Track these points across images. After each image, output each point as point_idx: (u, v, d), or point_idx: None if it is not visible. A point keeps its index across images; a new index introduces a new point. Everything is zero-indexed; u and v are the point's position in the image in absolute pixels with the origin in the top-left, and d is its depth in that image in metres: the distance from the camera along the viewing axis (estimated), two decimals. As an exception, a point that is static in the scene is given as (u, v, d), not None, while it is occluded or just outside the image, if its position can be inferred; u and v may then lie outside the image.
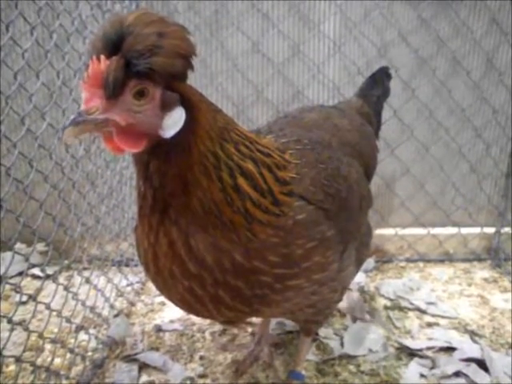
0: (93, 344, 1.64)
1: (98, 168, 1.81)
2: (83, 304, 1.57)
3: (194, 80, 2.08)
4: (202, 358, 1.65)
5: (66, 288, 1.44)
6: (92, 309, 1.64)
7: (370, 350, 1.67)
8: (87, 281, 1.61)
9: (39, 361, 1.48)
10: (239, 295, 0.94)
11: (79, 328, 1.64)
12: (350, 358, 1.64)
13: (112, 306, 1.83)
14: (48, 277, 1.44)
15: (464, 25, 2.11)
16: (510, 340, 1.75)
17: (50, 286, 1.54)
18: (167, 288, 0.98)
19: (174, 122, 0.82)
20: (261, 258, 0.92)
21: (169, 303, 1.93)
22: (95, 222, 1.79)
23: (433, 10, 2.07)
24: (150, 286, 2.12)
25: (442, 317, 1.90)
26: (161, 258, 0.92)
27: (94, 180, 1.77)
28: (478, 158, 2.31)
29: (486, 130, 2.27)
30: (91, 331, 1.66)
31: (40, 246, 1.97)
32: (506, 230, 2.36)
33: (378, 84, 1.76)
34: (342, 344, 1.70)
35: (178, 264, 0.91)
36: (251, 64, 2.12)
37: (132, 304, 1.96)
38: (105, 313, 1.78)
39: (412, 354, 1.66)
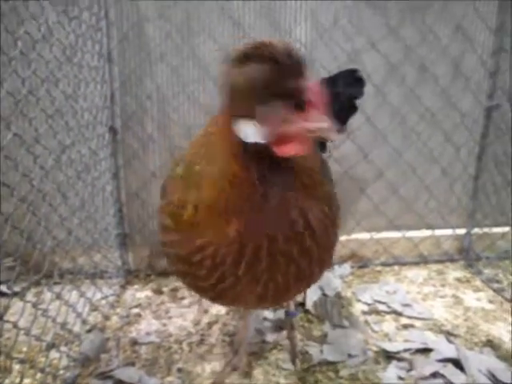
0: (64, 362, 1.58)
1: (70, 179, 1.76)
2: (54, 321, 1.51)
3: (166, 89, 2.11)
4: (179, 370, 1.62)
5: (35, 305, 1.39)
6: (63, 325, 1.58)
7: (350, 355, 1.67)
8: (58, 296, 1.56)
9: (7, 382, 1.42)
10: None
11: (50, 346, 1.57)
12: (329, 364, 1.64)
13: (85, 321, 1.78)
14: (16, 294, 1.38)
15: (430, 32, 2.16)
16: (484, 338, 1.79)
17: (18, 304, 1.48)
18: (257, 277, 0.94)
19: None
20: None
21: (146, 314, 1.91)
22: (67, 234, 1.74)
23: (400, 17, 2.12)
24: (126, 297, 2.07)
25: (418, 318, 1.93)
26: (280, 242, 0.90)
27: (66, 191, 1.72)
28: (448, 161, 2.37)
29: (455, 134, 2.33)
30: (63, 348, 1.60)
31: (7, 262, 1.89)
32: (476, 230, 2.42)
33: (338, 82, 1.70)
34: (321, 351, 1.69)
35: (298, 242, 0.92)
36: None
37: (106, 318, 1.90)
38: (77, 329, 1.72)
39: (390, 356, 1.67)
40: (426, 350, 1.70)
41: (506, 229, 2.32)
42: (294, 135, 0.83)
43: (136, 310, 1.98)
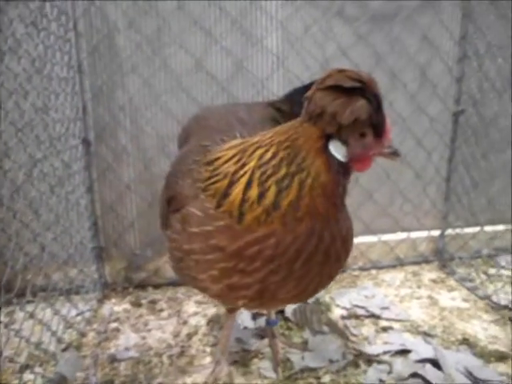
0: (39, 383, 1.53)
1: (43, 194, 1.72)
2: (27, 341, 1.46)
3: (138, 100, 2.09)
4: (160, 385, 1.59)
5: (7, 325, 1.34)
6: (38, 345, 1.53)
7: (331, 361, 1.68)
8: (31, 315, 1.51)
9: (-21, 408, 1.36)
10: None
11: (24, 367, 1.52)
12: (311, 370, 1.64)
13: (60, 340, 1.72)
14: (-15, 314, 1.34)
15: (398, 41, 2.23)
16: (460, 337, 1.83)
17: (-12, 325, 1.43)
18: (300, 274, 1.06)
19: None
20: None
21: (124, 328, 1.88)
22: (40, 250, 1.69)
23: (368, 26, 2.18)
24: (103, 312, 2.03)
25: (396, 320, 1.96)
26: (337, 244, 1.06)
27: (38, 207, 1.67)
28: (421, 165, 2.43)
29: (426, 139, 2.39)
30: (37, 369, 1.55)
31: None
32: (449, 231, 2.49)
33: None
34: (302, 357, 1.69)
35: (344, 247, 1.11)
36: (195, 82, 2.12)
37: (83, 335, 1.85)
38: (52, 348, 1.67)
39: (370, 359, 1.69)
40: (404, 352, 1.72)
41: (477, 229, 2.39)
42: (369, 157, 1.03)
43: (114, 325, 1.94)
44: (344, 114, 0.92)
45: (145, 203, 2.21)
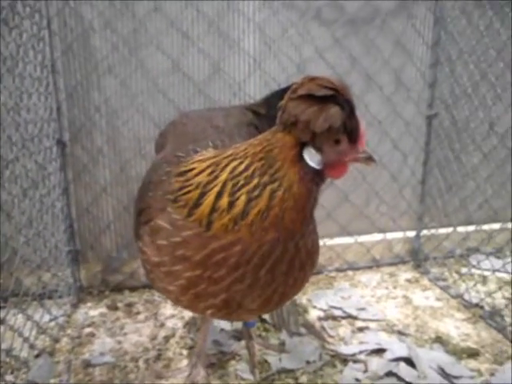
0: (11, 390, 1.50)
1: (14, 197, 1.67)
2: (-3, 347, 1.42)
3: (115, 101, 2.07)
4: (136, 389, 1.57)
5: (-24, 332, 1.30)
6: (9, 351, 1.49)
7: (307, 362, 1.69)
8: (2, 321, 1.47)
9: None
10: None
11: (-6, 375, 1.48)
12: (288, 371, 1.65)
13: (32, 346, 1.68)
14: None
15: (373, 44, 2.27)
16: (433, 335, 1.87)
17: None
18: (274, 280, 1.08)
19: None
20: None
21: (99, 333, 1.84)
22: (12, 254, 1.65)
23: (344, 30, 2.21)
24: (77, 317, 2.00)
25: (372, 320, 1.99)
26: (302, 253, 1.08)
27: (10, 210, 1.63)
28: (397, 167, 2.47)
29: (401, 142, 2.44)
30: (8, 377, 1.51)
31: None
32: (425, 232, 2.54)
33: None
34: (279, 359, 1.70)
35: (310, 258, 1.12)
36: (172, 83, 2.10)
37: (56, 340, 1.81)
38: (24, 354, 1.62)
39: (346, 359, 1.71)
40: (380, 351, 1.75)
41: (450, 229, 2.45)
42: (344, 163, 1.03)
43: (89, 330, 1.90)
44: (317, 121, 0.93)
45: (121, 205, 2.18)
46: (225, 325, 1.89)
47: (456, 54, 2.29)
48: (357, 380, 1.61)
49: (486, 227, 2.28)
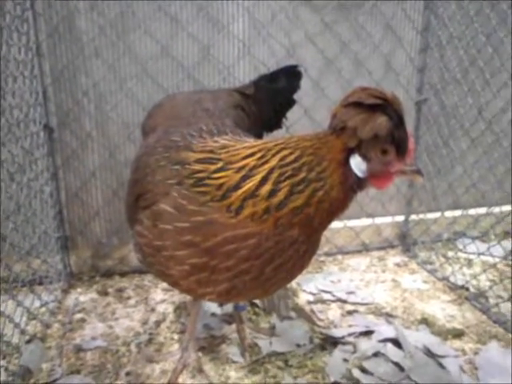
0: (3, 377, 1.50)
1: (1, 181, 1.65)
2: (-12, 333, 1.42)
3: (103, 86, 2.04)
4: (128, 373, 1.58)
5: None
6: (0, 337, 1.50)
7: (298, 345, 1.72)
8: (-8, 307, 1.47)
9: None
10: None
11: (-15, 361, 1.49)
12: (278, 354, 1.68)
13: (23, 332, 1.68)
14: None
15: (363, 29, 2.26)
16: (419, 317, 1.92)
17: None
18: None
19: None
20: None
21: (90, 318, 1.85)
22: (0, 240, 1.64)
23: (334, 14, 2.20)
24: (68, 302, 2.00)
25: (361, 304, 2.02)
26: (306, 256, 1.09)
27: (-4, 195, 1.61)
28: (385, 152, 2.48)
29: (390, 127, 2.44)
30: (0, 362, 1.51)
31: None
32: (413, 217, 2.57)
33: (278, 78, 1.76)
34: (270, 343, 1.73)
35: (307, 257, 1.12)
36: (161, 68, 2.08)
37: (47, 326, 1.82)
38: (15, 340, 1.63)
39: (335, 342, 1.74)
40: (368, 333, 1.78)
41: (438, 214, 2.48)
42: (390, 174, 1.03)
43: (80, 315, 1.91)
44: (364, 129, 0.95)
45: (110, 190, 2.17)
46: (215, 309, 1.91)
47: (446, 39, 2.29)
48: (345, 361, 1.64)
49: (472, 212, 2.32)
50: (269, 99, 1.71)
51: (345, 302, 2.04)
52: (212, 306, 1.92)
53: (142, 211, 1.19)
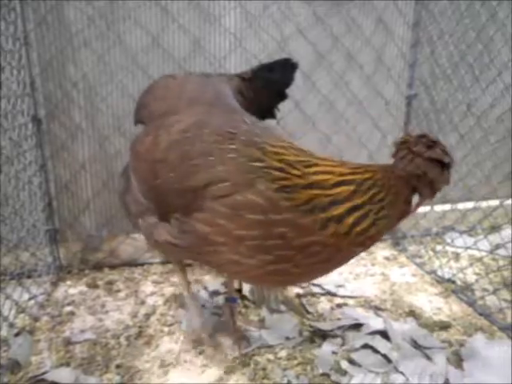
0: (-10, 369, 1.49)
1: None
2: (-24, 326, 1.41)
3: (93, 77, 2.01)
4: (118, 366, 1.58)
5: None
6: (-13, 330, 1.49)
7: (287, 338, 1.73)
8: (-21, 301, 1.46)
9: None
10: None
11: (-27, 354, 1.48)
12: (268, 347, 1.69)
13: (12, 325, 1.67)
14: None
15: (354, 23, 2.26)
16: (407, 309, 1.94)
17: None
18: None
19: None
20: None
21: (80, 311, 1.85)
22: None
23: (326, 7, 2.19)
24: (57, 295, 1.99)
25: (351, 297, 2.04)
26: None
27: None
28: (376, 146, 2.50)
29: (381, 121, 2.46)
30: (-11, 355, 1.51)
31: None
32: (402, 210, 2.59)
33: (275, 69, 1.77)
34: (259, 335, 1.74)
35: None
36: (152, 60, 2.06)
37: (36, 319, 1.81)
38: (4, 333, 1.62)
39: (325, 335, 1.76)
40: (357, 326, 1.80)
41: (427, 208, 2.51)
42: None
43: (69, 308, 1.90)
44: (439, 181, 1.10)
45: (100, 182, 2.16)
46: (205, 301, 1.92)
47: (437, 34, 2.30)
48: (334, 353, 1.66)
49: (460, 206, 2.34)
50: (264, 88, 1.73)
51: (334, 295, 2.05)
52: (202, 299, 1.92)
53: (215, 200, 1.17)
